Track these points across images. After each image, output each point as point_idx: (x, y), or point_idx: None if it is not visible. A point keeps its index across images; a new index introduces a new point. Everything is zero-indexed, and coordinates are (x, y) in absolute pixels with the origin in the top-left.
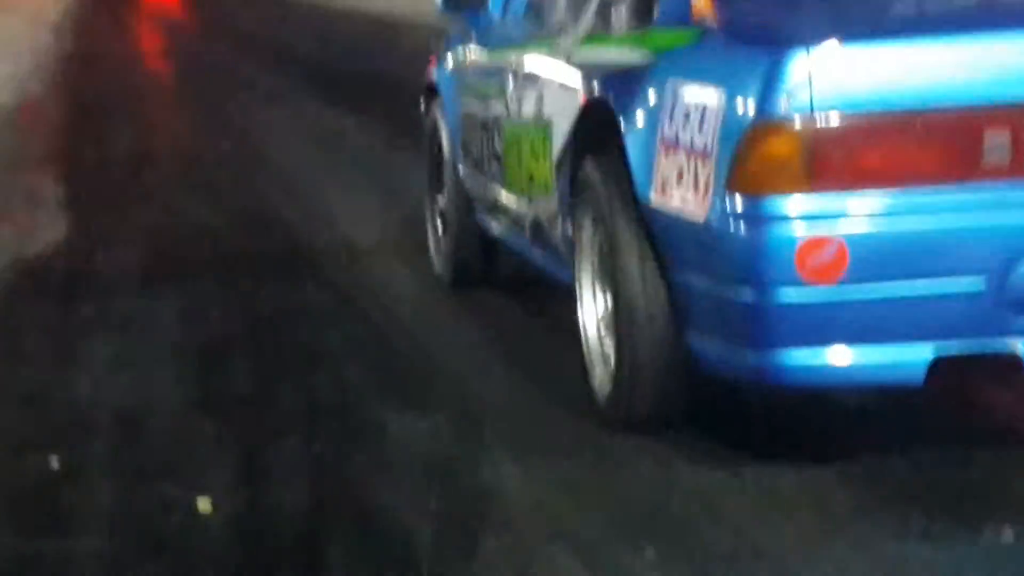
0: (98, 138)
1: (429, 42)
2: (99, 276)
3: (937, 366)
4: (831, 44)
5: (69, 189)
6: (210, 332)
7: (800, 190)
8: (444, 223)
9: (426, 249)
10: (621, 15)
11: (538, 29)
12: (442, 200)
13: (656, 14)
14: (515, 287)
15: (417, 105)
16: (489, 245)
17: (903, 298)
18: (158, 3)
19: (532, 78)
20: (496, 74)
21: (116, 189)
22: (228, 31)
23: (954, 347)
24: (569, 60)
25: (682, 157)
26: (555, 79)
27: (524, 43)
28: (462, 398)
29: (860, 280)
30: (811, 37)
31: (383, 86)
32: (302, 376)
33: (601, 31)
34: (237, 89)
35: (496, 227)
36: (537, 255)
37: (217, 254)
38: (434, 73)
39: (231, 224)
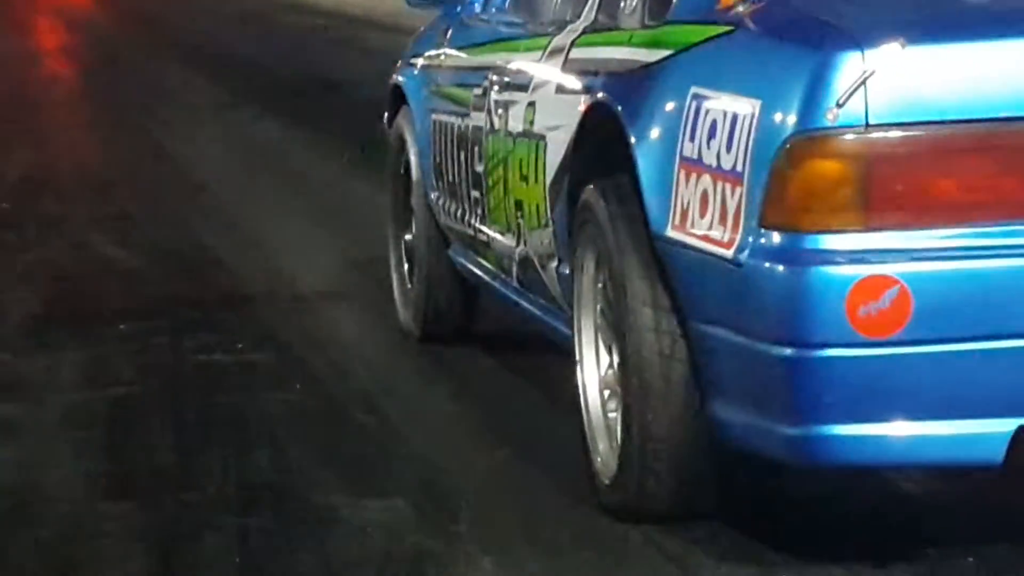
0: None
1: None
2: None
3: (1020, 440)
4: (891, 44)
5: None
6: (121, 395)
7: (852, 223)
8: (412, 263)
9: (390, 295)
10: (632, 6)
11: (528, 24)
12: (409, 234)
13: (675, 5)
14: (499, 342)
15: (380, 118)
16: (467, 290)
17: (980, 357)
18: None
19: (521, 83)
20: (476, 79)
21: (8, 220)
22: (145, 25)
23: None
24: (567, 61)
25: (706, 181)
26: (550, 85)
27: (511, 41)
28: (431, 480)
29: (926, 334)
30: (867, 34)
31: (337, 95)
32: (234, 452)
33: (607, 26)
34: (158, 97)
35: (476, 268)
36: (527, 303)
37: (131, 299)
38: (401, 77)
39: (149, 263)
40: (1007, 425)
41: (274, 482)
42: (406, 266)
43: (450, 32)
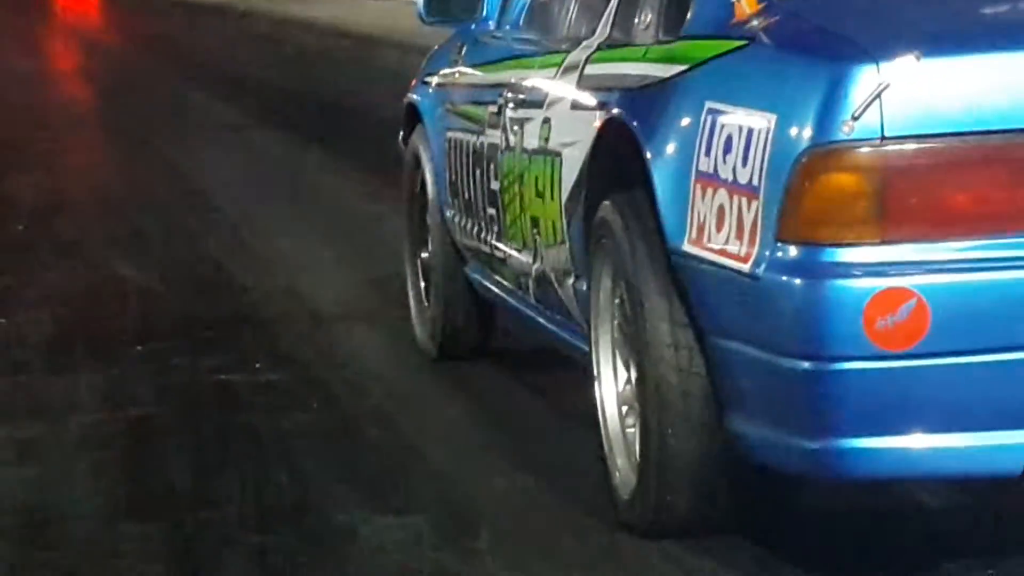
0: None
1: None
2: (2, 348)
3: None
4: (907, 56)
5: None
6: (139, 416)
7: (868, 236)
8: (428, 281)
9: (406, 313)
10: (646, 22)
11: (543, 41)
12: (425, 252)
13: (689, 20)
14: (516, 359)
15: (395, 137)
16: (484, 308)
17: (998, 369)
18: (74, 13)
19: (536, 100)
20: (491, 96)
21: (24, 242)
22: (159, 47)
23: None
24: (582, 77)
25: (723, 195)
26: (565, 101)
27: (525, 58)
28: (449, 497)
29: (944, 346)
30: (882, 47)
31: (353, 115)
32: (252, 471)
33: (621, 42)
34: (172, 119)
35: (492, 285)
36: (544, 319)
37: (148, 320)
38: (415, 96)
39: (165, 284)
40: None
41: (292, 500)
42: (422, 284)
43: (464, 50)
